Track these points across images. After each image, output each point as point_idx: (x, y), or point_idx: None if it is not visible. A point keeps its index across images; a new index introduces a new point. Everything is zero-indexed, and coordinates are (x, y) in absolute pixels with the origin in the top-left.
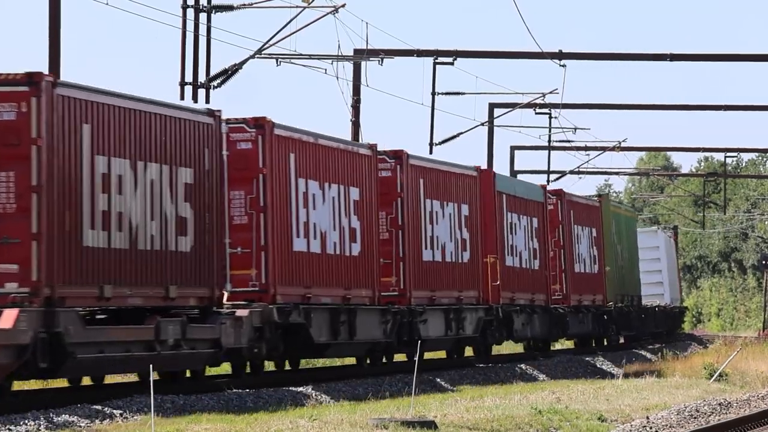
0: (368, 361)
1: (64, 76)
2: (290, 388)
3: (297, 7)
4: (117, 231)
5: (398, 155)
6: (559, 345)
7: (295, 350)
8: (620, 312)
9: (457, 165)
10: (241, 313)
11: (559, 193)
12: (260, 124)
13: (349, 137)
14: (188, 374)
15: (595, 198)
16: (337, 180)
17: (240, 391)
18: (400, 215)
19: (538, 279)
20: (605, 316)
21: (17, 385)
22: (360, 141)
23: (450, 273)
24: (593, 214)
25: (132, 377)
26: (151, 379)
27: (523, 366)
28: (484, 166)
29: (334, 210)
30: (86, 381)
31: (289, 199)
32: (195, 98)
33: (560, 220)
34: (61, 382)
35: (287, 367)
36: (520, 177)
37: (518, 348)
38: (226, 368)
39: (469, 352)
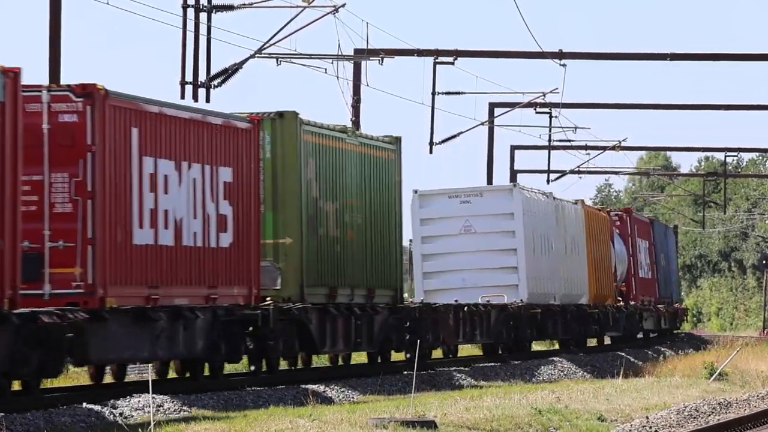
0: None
1: (64, 76)
2: (290, 388)
3: (297, 6)
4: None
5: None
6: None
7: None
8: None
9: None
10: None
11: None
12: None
13: None
14: (187, 375)
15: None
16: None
17: (240, 390)
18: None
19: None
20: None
21: (17, 385)
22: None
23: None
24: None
25: (132, 376)
26: (151, 379)
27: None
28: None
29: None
30: (86, 381)
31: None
32: (195, 98)
33: None
34: (62, 382)
35: (283, 366)
36: (520, 177)
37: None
38: (227, 368)
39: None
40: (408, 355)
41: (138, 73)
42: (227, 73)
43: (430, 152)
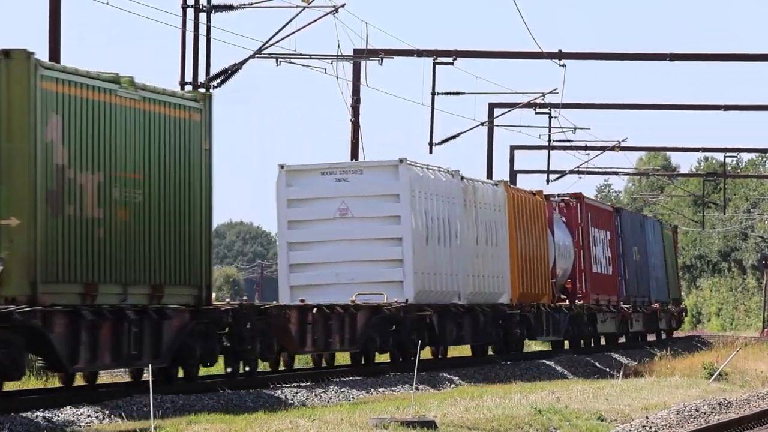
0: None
1: None
2: (291, 388)
3: (297, 7)
4: None
5: None
6: None
7: None
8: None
9: None
10: None
11: None
12: None
13: (348, 138)
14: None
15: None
16: None
17: (240, 391)
18: None
19: None
20: None
21: (17, 385)
22: (360, 143)
23: None
24: None
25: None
26: (150, 379)
27: None
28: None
29: None
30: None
31: None
32: None
33: None
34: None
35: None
36: (519, 177)
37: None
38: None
39: None
40: (228, 370)
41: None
42: (227, 74)
43: (430, 152)
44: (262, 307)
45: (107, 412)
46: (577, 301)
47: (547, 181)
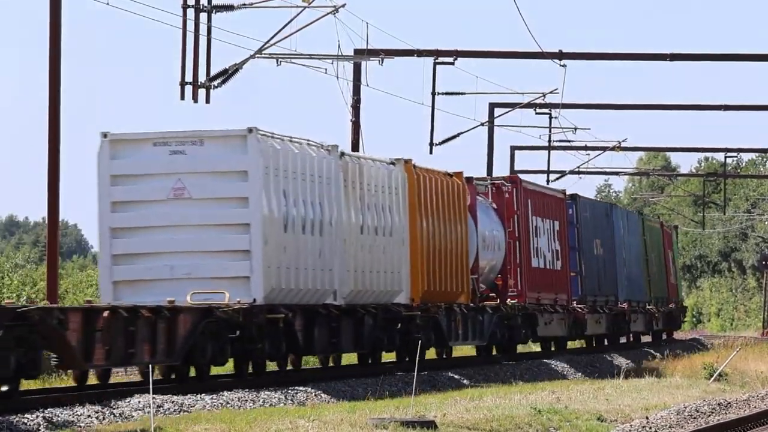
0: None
1: (64, 75)
2: (290, 388)
3: (297, 7)
4: None
5: None
6: None
7: None
8: None
9: None
10: None
11: None
12: None
13: (348, 137)
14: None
15: None
16: None
17: (240, 390)
18: None
19: None
20: None
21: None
22: (361, 142)
23: None
24: None
25: (132, 376)
26: (151, 379)
27: None
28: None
29: None
30: (86, 381)
31: None
32: (195, 98)
33: None
34: (62, 382)
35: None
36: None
37: None
38: (228, 368)
39: None
40: None
41: (138, 74)
42: (227, 74)
43: (430, 152)
44: (18, 310)
45: (107, 412)
46: (509, 300)
47: (547, 181)
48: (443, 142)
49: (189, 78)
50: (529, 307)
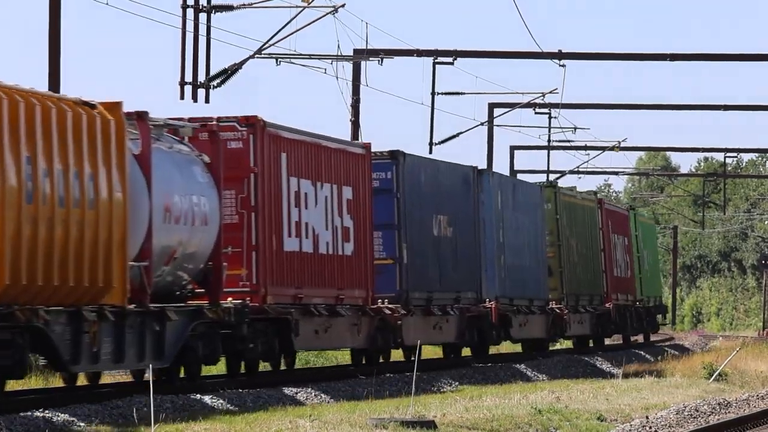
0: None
1: (64, 75)
2: (290, 388)
3: (297, 7)
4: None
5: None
6: None
7: None
8: None
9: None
10: None
11: None
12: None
13: (348, 137)
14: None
15: None
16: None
17: (240, 391)
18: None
19: None
20: None
21: (17, 385)
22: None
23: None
24: None
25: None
26: (151, 379)
27: None
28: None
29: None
30: (82, 380)
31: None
32: (195, 98)
33: None
34: (61, 382)
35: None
36: (520, 177)
37: None
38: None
39: None
40: None
41: (138, 74)
42: (227, 74)
43: (430, 152)
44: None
45: (107, 412)
46: (231, 299)
47: (548, 181)
48: (443, 141)
49: (189, 78)
50: (273, 309)
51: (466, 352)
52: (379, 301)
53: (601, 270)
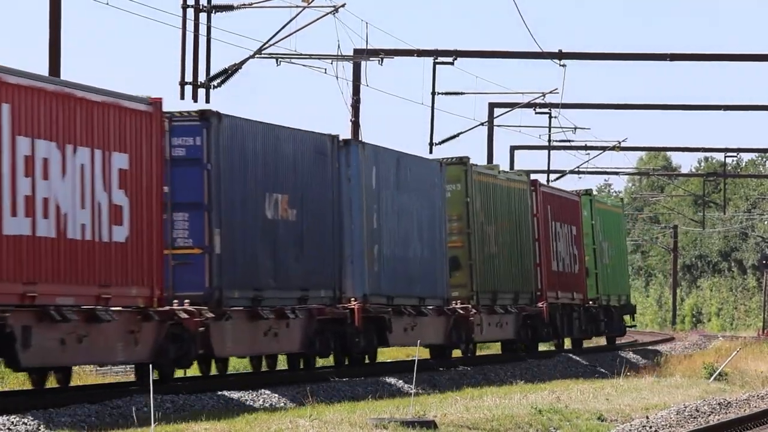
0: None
1: (64, 75)
2: (290, 388)
3: (297, 7)
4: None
5: None
6: None
7: None
8: None
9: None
10: None
11: None
12: None
13: (349, 137)
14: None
15: None
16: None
17: (240, 390)
18: None
19: None
20: None
21: (16, 385)
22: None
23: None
24: None
25: (129, 376)
26: (151, 378)
27: None
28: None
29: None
30: (85, 381)
31: None
32: (195, 98)
33: None
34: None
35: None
36: None
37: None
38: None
39: None
40: None
41: (138, 74)
42: (227, 74)
43: (430, 152)
44: None
45: (107, 412)
46: None
47: (548, 181)
48: (443, 141)
49: (189, 78)
50: None
51: (329, 361)
52: (176, 301)
53: (534, 264)
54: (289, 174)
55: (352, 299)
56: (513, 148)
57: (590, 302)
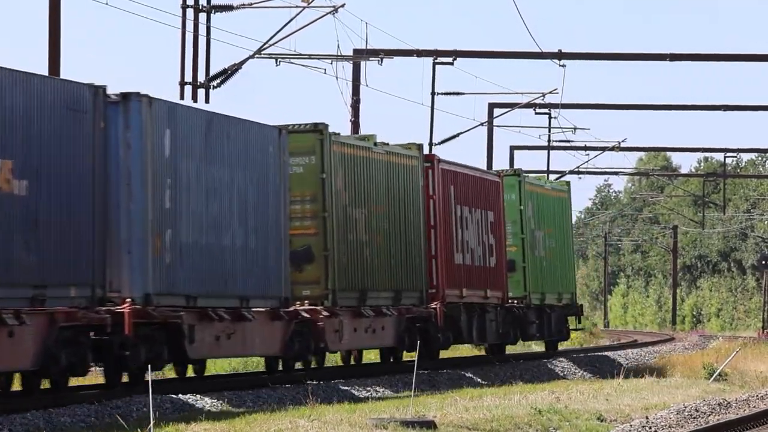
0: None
1: (64, 75)
2: (289, 388)
3: (297, 7)
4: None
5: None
6: None
7: None
8: None
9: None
10: None
11: None
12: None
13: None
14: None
15: None
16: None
17: (240, 391)
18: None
19: None
20: None
21: (17, 385)
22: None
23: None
24: None
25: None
26: (150, 378)
27: None
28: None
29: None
30: (85, 381)
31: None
32: (195, 98)
33: None
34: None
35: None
36: None
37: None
38: (224, 367)
39: None
40: None
41: (138, 74)
42: (227, 74)
43: (430, 152)
44: None
45: (107, 412)
46: None
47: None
48: (443, 142)
49: (189, 78)
50: None
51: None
52: None
53: (428, 255)
54: (16, 133)
55: (126, 299)
56: (513, 149)
57: (514, 301)
